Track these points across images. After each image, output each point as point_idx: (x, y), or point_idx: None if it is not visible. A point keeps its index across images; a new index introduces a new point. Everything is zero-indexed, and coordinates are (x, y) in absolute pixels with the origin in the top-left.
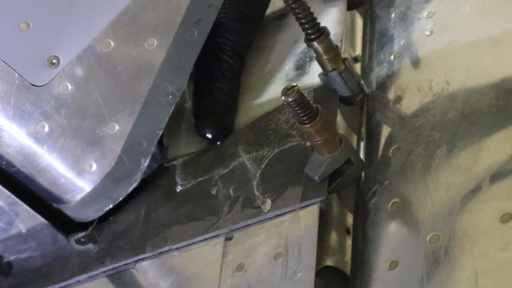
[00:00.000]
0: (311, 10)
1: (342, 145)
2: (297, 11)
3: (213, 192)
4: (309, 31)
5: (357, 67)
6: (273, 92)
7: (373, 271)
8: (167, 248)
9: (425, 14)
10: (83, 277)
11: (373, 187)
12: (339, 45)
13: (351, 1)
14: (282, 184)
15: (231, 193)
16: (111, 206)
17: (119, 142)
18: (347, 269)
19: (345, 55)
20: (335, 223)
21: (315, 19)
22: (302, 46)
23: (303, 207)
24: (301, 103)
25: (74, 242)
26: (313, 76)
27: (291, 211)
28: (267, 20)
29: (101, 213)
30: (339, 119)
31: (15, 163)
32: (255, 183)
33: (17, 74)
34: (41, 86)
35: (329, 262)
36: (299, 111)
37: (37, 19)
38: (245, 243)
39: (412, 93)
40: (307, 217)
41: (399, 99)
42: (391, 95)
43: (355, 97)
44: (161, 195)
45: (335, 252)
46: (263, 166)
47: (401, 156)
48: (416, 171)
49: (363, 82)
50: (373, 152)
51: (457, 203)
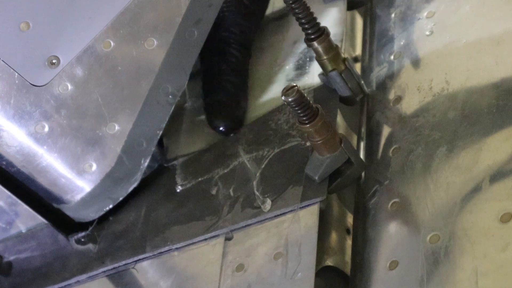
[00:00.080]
0: (311, 10)
1: (342, 145)
2: (297, 11)
3: (213, 192)
4: (309, 31)
5: (357, 67)
6: (273, 92)
7: (373, 271)
8: (167, 248)
9: (425, 14)
10: (83, 277)
11: (373, 187)
12: (339, 45)
13: (351, 1)
14: (282, 184)
15: (231, 193)
16: (111, 206)
17: (119, 142)
18: (347, 269)
19: (345, 55)
20: (335, 223)
21: (315, 19)
22: (302, 46)
23: (303, 207)
24: (301, 103)
25: (74, 242)
26: (313, 76)
27: (291, 211)
28: (267, 20)
29: (101, 213)
30: (339, 119)
31: (15, 163)
32: (255, 183)
33: (17, 74)
34: (41, 86)
35: (329, 262)
36: (299, 111)
37: (37, 19)
38: (245, 243)
39: (412, 93)
40: (307, 217)
41: (399, 99)
42: (391, 95)
43: (355, 97)
44: (161, 195)
45: (335, 252)
46: (263, 166)
47: (401, 156)
48: (416, 171)
49: (363, 82)
50: (373, 152)
51: (457, 203)
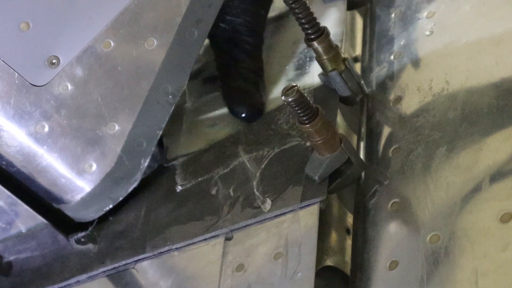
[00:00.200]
0: (311, 10)
1: (342, 145)
2: (297, 11)
3: (213, 192)
4: (309, 31)
5: (357, 67)
6: (273, 92)
7: (373, 271)
8: (167, 248)
9: (425, 14)
10: (83, 277)
11: (373, 187)
12: (339, 45)
13: (351, 1)
14: (282, 184)
15: (231, 193)
16: (111, 206)
17: (119, 142)
18: (347, 269)
19: (345, 55)
20: (335, 223)
21: (315, 19)
22: (302, 46)
23: (303, 207)
24: (301, 103)
25: (74, 242)
26: (313, 76)
27: (291, 211)
28: (267, 20)
29: (101, 213)
30: (339, 119)
31: (15, 163)
32: (255, 183)
33: (17, 74)
34: (41, 86)
35: (329, 262)
36: (299, 111)
37: (37, 19)
38: (245, 243)
39: (412, 93)
40: (307, 217)
41: (399, 99)
42: (391, 95)
43: (355, 97)
44: (161, 195)
45: (335, 252)
46: (263, 166)
47: (401, 156)
48: (416, 171)
49: (363, 82)
50: (373, 152)
51: (457, 203)
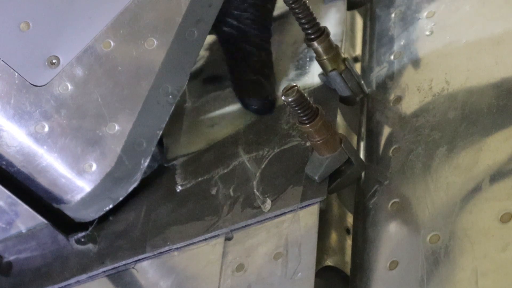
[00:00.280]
0: (311, 10)
1: (342, 145)
2: (297, 11)
3: (213, 192)
4: (309, 31)
5: (357, 67)
6: None
7: (373, 271)
8: (167, 248)
9: (425, 14)
10: (83, 277)
11: (373, 187)
12: (339, 45)
13: (351, 1)
14: (282, 184)
15: (231, 193)
16: (111, 206)
17: (119, 142)
18: (347, 269)
19: (345, 55)
20: (335, 223)
21: (315, 19)
22: (302, 46)
23: (303, 207)
24: (301, 103)
25: (74, 242)
26: (313, 76)
27: (291, 211)
28: None
29: (101, 213)
30: (339, 119)
31: (15, 163)
32: (255, 183)
33: (17, 74)
34: (41, 86)
35: (329, 262)
36: (299, 111)
37: (37, 19)
38: (245, 243)
39: (412, 93)
40: (307, 217)
41: (399, 99)
42: (391, 95)
43: (355, 97)
44: (161, 195)
45: (335, 252)
46: (263, 166)
47: (401, 156)
48: (416, 171)
49: (363, 82)
50: (373, 152)
51: (457, 203)
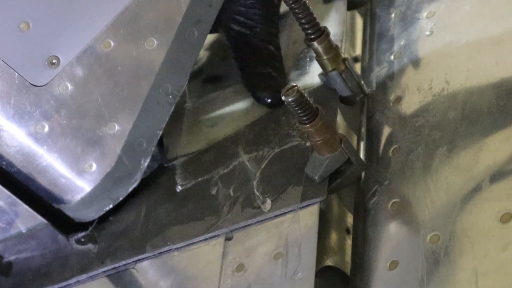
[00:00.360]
0: (311, 10)
1: (342, 145)
2: (297, 11)
3: (213, 192)
4: (309, 31)
5: (357, 67)
6: None
7: (373, 271)
8: (167, 248)
9: (425, 14)
10: (83, 277)
11: (373, 187)
12: (339, 45)
13: (351, 1)
14: (282, 184)
15: (231, 193)
16: (111, 206)
17: (119, 142)
18: (347, 269)
19: (345, 55)
20: (335, 223)
21: (315, 19)
22: (302, 46)
23: (303, 207)
24: (301, 103)
25: (74, 242)
26: (313, 76)
27: (291, 211)
28: None
29: (101, 213)
30: (339, 119)
31: (15, 163)
32: (255, 183)
33: (17, 74)
34: (41, 86)
35: (329, 262)
36: (299, 111)
37: (37, 19)
38: (245, 243)
39: (412, 93)
40: (307, 217)
41: (399, 99)
42: (391, 95)
43: (355, 97)
44: (161, 195)
45: (335, 252)
46: (263, 166)
47: (401, 156)
48: (416, 171)
49: (363, 82)
50: (373, 152)
51: (457, 203)
